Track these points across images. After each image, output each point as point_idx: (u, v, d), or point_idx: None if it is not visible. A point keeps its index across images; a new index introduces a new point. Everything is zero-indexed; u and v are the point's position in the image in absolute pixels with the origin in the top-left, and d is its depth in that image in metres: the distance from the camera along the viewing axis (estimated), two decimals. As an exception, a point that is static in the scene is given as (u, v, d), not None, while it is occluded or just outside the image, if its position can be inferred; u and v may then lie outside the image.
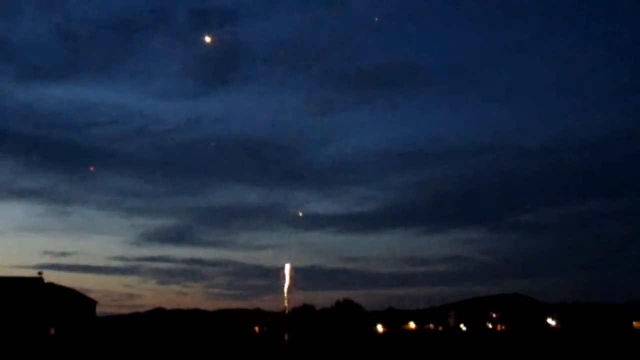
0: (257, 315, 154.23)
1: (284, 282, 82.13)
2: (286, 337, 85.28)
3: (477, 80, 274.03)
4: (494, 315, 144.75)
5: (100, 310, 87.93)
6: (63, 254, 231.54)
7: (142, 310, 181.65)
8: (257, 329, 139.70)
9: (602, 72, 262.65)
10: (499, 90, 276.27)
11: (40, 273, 71.65)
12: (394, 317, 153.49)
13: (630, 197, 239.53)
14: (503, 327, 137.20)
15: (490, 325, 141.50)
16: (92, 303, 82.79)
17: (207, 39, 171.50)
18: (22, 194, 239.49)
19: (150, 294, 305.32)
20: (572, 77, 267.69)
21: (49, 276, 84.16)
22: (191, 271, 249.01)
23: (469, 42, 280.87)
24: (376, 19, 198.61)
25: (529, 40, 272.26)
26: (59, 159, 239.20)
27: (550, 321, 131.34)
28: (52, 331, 68.84)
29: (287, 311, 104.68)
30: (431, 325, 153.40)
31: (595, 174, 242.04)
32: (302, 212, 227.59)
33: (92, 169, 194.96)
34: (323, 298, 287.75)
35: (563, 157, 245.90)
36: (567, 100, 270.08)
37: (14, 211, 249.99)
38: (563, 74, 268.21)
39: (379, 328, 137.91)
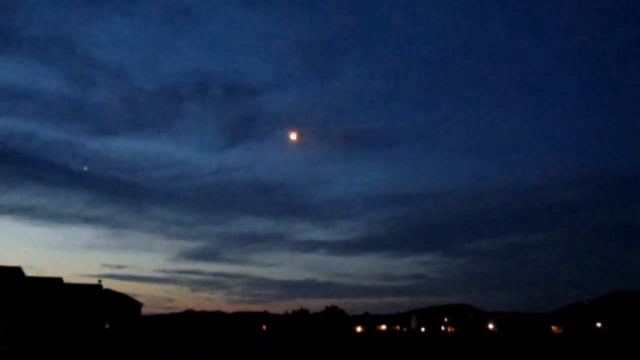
0: (265, 316, 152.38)
1: None
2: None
3: (433, 141, 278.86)
4: (445, 320, 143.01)
5: (145, 310, 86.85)
6: (118, 266, 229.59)
7: (177, 311, 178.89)
8: (264, 326, 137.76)
9: (539, 131, 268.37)
10: (452, 148, 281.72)
11: (100, 281, 71.04)
12: (369, 320, 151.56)
13: (549, 233, 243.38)
14: (452, 330, 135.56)
15: (442, 328, 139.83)
16: (139, 305, 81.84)
17: (293, 137, 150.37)
18: (90, 220, 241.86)
19: (184, 299, 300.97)
20: (508, 138, 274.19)
21: (107, 284, 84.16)
22: (216, 282, 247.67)
23: (428, 110, 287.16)
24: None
25: (473, 108, 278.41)
26: (118, 194, 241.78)
27: (490, 325, 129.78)
28: (107, 325, 68.08)
29: None
30: (398, 327, 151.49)
31: (524, 214, 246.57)
32: (301, 236, 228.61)
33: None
34: (315, 304, 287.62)
35: (499, 201, 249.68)
36: (503, 158, 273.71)
37: (82, 233, 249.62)
38: (503, 136, 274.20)
39: (358, 328, 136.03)
